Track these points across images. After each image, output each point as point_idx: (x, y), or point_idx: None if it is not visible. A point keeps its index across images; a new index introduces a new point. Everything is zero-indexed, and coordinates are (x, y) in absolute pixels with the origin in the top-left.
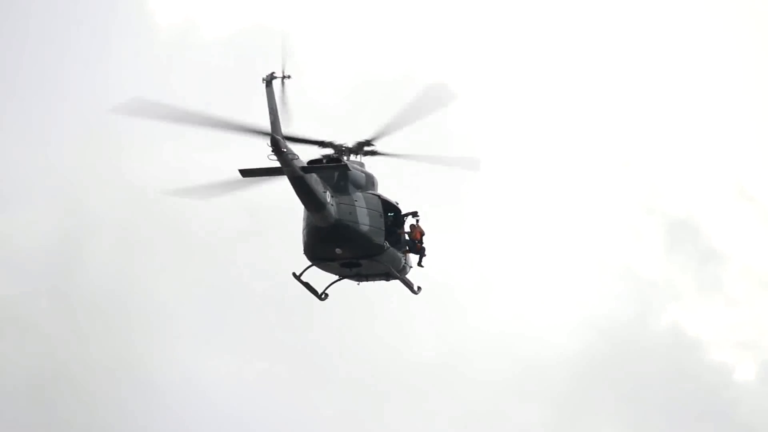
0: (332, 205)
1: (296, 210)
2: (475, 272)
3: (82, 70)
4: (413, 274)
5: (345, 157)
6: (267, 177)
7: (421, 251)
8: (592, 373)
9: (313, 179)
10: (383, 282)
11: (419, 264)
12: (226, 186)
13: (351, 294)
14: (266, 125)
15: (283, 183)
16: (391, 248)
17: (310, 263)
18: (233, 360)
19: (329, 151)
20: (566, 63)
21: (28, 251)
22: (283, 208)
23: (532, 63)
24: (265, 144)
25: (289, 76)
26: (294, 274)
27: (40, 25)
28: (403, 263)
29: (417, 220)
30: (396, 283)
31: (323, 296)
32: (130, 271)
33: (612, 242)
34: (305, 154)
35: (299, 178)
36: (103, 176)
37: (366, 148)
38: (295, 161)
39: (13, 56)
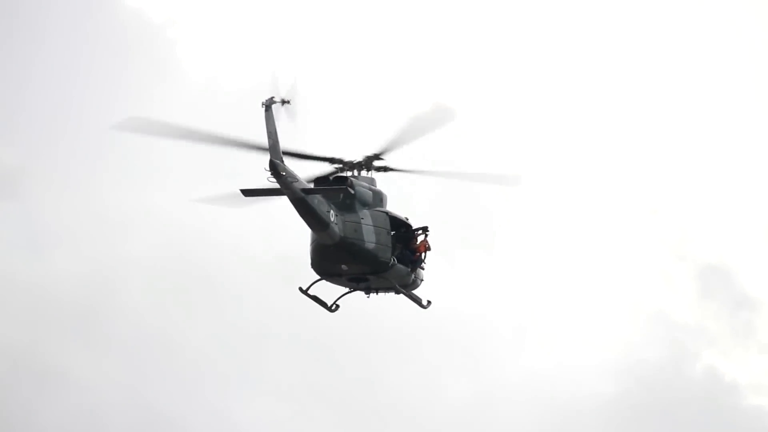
0: (336, 223)
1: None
2: (509, 317)
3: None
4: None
5: (355, 172)
6: (268, 197)
7: (416, 263)
8: (627, 417)
9: (316, 200)
10: (394, 297)
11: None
12: (227, 201)
13: (380, 334)
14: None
15: None
16: (398, 264)
17: (318, 278)
18: (266, 403)
19: (337, 166)
20: (592, 114)
21: (55, 294)
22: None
23: (558, 112)
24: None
25: (288, 101)
26: (300, 289)
27: (72, 78)
28: (411, 278)
29: (426, 235)
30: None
31: (333, 308)
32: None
33: (644, 288)
34: (314, 170)
35: (300, 200)
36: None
37: (376, 163)
38: (294, 184)
39: (48, 101)
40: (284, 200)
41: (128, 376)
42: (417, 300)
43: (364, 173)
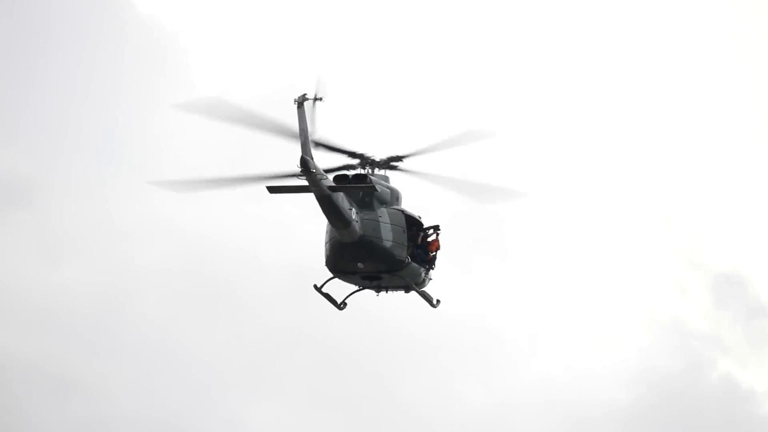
0: (357, 221)
1: None
2: (524, 325)
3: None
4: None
5: (372, 170)
6: (294, 194)
7: (430, 262)
8: (643, 426)
9: (340, 197)
10: (403, 297)
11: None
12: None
13: (396, 341)
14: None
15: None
16: (413, 263)
17: (331, 275)
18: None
19: (357, 161)
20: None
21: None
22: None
23: (571, 122)
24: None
25: (321, 98)
26: (315, 286)
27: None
28: (422, 277)
29: (438, 234)
30: (417, 298)
31: (342, 306)
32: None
33: (659, 297)
34: (333, 161)
35: (327, 197)
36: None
37: (393, 164)
38: (323, 181)
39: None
40: (296, 204)
41: (141, 384)
42: (428, 298)
43: (377, 171)
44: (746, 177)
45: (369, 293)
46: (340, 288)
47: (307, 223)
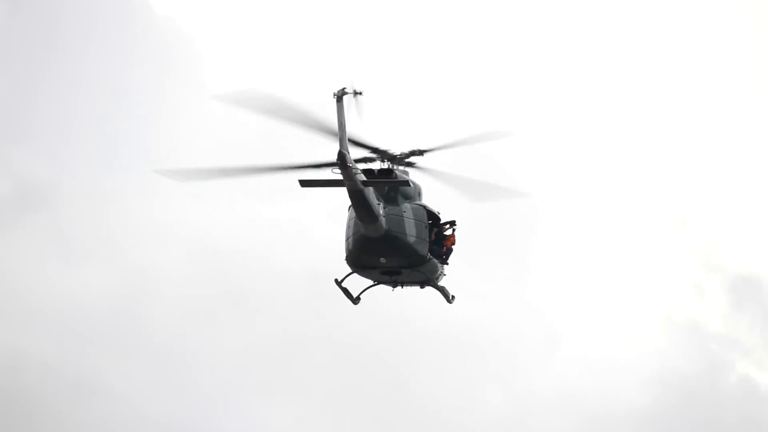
0: (383, 216)
1: None
2: (541, 328)
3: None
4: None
5: (385, 163)
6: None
7: (444, 257)
8: (661, 428)
9: (370, 192)
10: (418, 294)
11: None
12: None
13: (416, 343)
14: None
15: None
16: (433, 258)
17: (351, 270)
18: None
19: (376, 155)
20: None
21: (91, 308)
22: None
23: (587, 124)
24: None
25: (360, 92)
26: (336, 281)
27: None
28: (440, 272)
29: (453, 230)
30: (430, 294)
31: (357, 300)
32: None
33: (677, 300)
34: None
35: (360, 191)
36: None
37: (411, 159)
38: (357, 176)
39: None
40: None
41: (160, 385)
42: (445, 293)
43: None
44: (764, 179)
45: (383, 289)
46: (355, 283)
47: (321, 223)
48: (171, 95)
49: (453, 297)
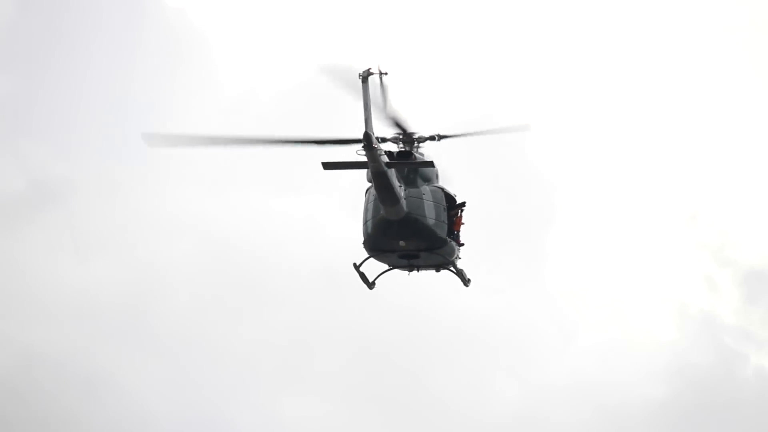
0: (404, 198)
1: None
2: (555, 322)
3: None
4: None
5: (400, 145)
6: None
7: (456, 239)
8: (676, 421)
9: (393, 174)
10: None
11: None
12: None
13: (429, 336)
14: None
15: None
16: (451, 241)
17: (368, 255)
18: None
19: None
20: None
21: (104, 302)
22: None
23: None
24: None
25: (386, 73)
26: (354, 265)
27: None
28: (457, 254)
29: (462, 211)
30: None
31: (372, 285)
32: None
33: (690, 293)
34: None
35: (383, 173)
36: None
37: (423, 144)
38: (381, 157)
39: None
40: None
41: (175, 380)
42: (462, 276)
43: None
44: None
45: (397, 283)
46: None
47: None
48: (182, 88)
49: (469, 280)
